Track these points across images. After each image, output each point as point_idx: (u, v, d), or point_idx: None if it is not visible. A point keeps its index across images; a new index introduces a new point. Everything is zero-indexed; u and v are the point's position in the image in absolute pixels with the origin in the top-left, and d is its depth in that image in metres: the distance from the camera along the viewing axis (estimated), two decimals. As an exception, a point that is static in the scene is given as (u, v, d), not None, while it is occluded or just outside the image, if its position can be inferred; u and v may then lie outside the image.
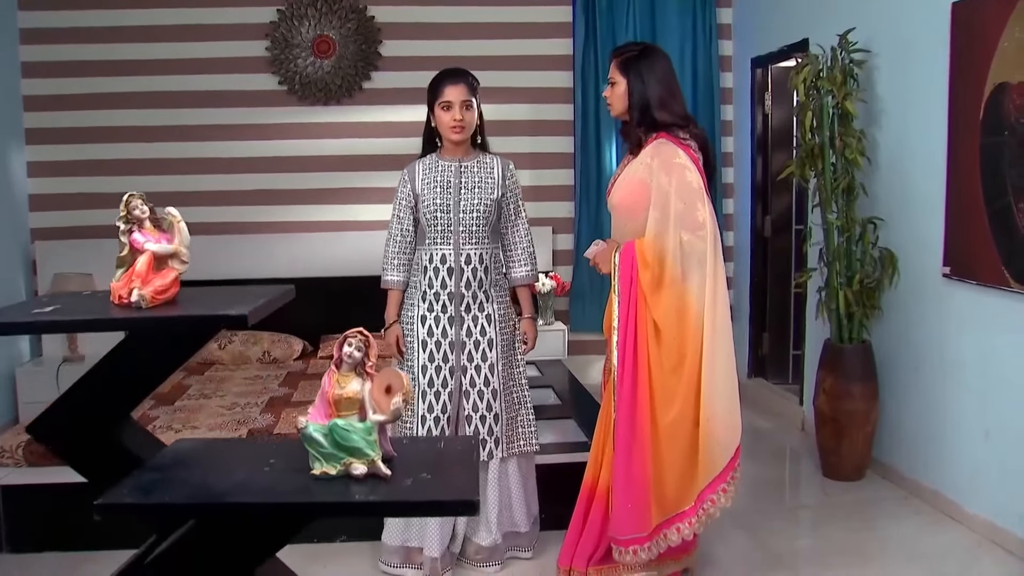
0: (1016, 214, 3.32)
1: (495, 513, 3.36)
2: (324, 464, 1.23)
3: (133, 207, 1.49)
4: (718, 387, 2.94)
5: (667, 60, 3.08)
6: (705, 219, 2.92)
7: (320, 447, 1.24)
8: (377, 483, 1.21)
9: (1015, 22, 3.28)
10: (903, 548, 3.54)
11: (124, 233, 1.49)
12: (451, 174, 3.21)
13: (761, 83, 5.51)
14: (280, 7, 5.51)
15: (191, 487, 1.24)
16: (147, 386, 1.39)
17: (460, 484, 1.14)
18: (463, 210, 3.19)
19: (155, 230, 1.51)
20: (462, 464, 1.23)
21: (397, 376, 1.27)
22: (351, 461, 1.22)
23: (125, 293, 1.42)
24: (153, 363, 1.37)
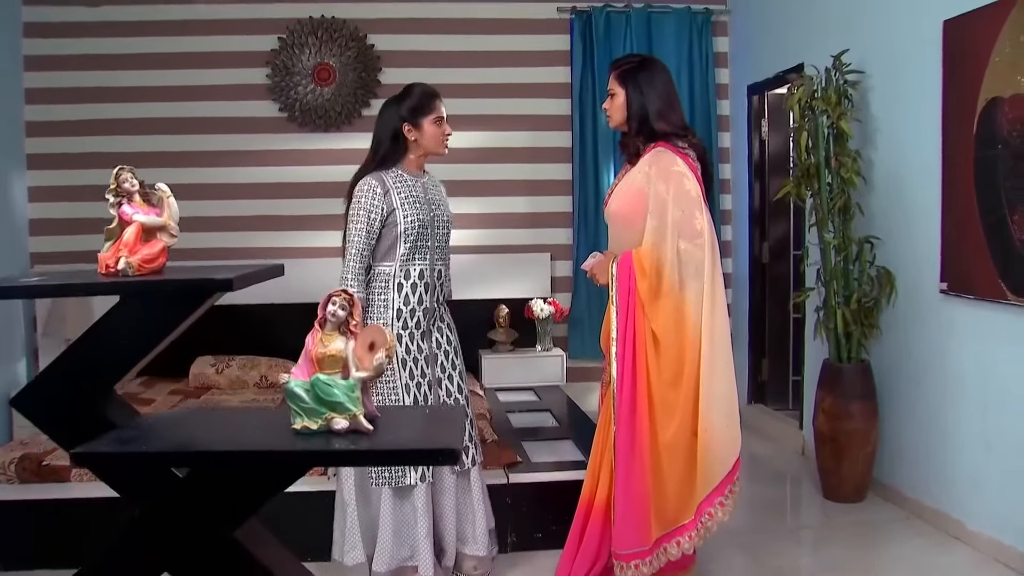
0: (1011, 227, 3.33)
1: (483, 521, 3.31)
2: (305, 419, 1.21)
3: (123, 180, 1.49)
4: (716, 399, 2.91)
5: (666, 72, 3.10)
6: (703, 227, 2.91)
7: (301, 402, 1.23)
8: (359, 436, 1.19)
9: (1006, 37, 3.32)
10: (905, 567, 3.49)
11: (113, 206, 1.49)
12: (419, 189, 3.18)
13: (757, 109, 5.56)
14: (281, 35, 5.58)
15: (170, 441, 1.22)
16: (132, 358, 1.37)
17: (442, 435, 1.12)
18: (435, 225, 3.19)
19: (144, 204, 1.51)
20: (446, 421, 1.21)
21: (380, 332, 1.26)
22: (332, 416, 1.21)
23: (112, 262, 1.42)
24: (139, 333, 1.36)
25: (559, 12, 5.77)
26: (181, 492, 1.22)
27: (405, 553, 3.18)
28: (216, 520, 1.17)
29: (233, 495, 1.17)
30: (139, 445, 1.19)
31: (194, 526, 1.18)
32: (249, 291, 5.47)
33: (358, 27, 5.61)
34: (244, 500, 1.16)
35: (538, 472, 3.74)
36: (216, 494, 1.18)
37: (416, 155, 3.19)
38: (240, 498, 1.17)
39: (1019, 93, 3.27)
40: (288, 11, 5.59)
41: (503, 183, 5.80)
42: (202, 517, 1.18)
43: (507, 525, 3.62)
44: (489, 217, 5.81)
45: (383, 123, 3.21)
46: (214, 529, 1.17)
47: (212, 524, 1.17)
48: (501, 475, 3.68)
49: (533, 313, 5.56)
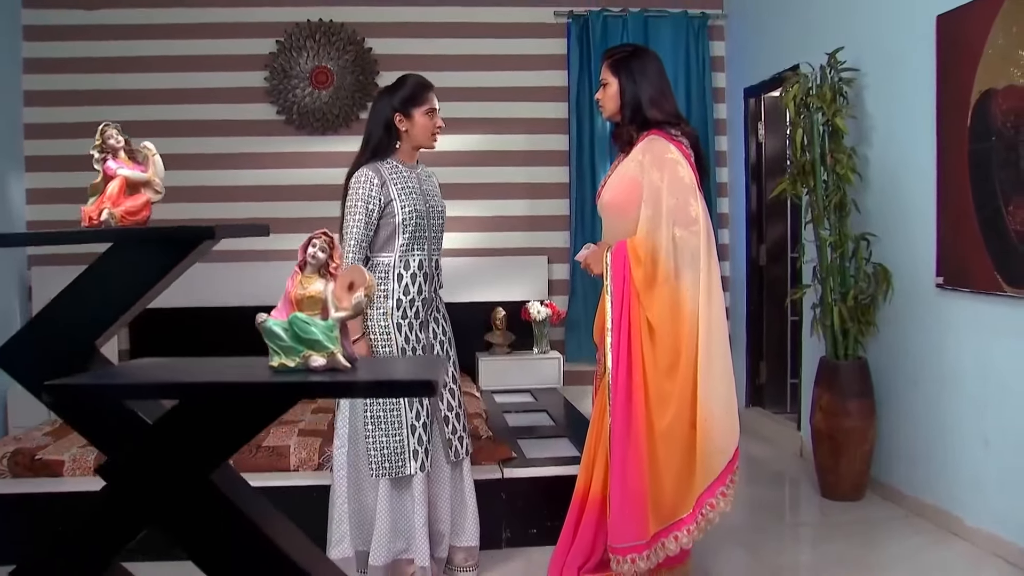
0: (1006, 217, 3.32)
1: (473, 513, 3.29)
2: (283, 356, 1.20)
3: (108, 136, 1.49)
4: (714, 388, 2.88)
5: (658, 61, 3.09)
6: (698, 214, 2.89)
7: (279, 340, 1.22)
8: (337, 372, 1.18)
9: (998, 29, 3.33)
10: (904, 562, 3.46)
11: (98, 162, 1.49)
12: (414, 180, 3.17)
13: (754, 112, 5.57)
14: (279, 38, 5.61)
15: (146, 377, 1.21)
16: (115, 312, 1.36)
17: (419, 370, 1.11)
18: (431, 216, 3.19)
19: (130, 161, 1.51)
20: (426, 364, 1.20)
21: (360, 272, 1.25)
22: (310, 354, 1.20)
23: (95, 214, 1.41)
24: (122, 284, 1.35)
25: (556, 16, 5.80)
26: (155, 433, 1.21)
27: (401, 545, 3.16)
28: (192, 461, 1.16)
29: (209, 434, 1.16)
30: (113, 379, 1.18)
31: (169, 469, 1.17)
32: (248, 294, 5.48)
33: (356, 31, 5.64)
34: (220, 439, 1.15)
35: (533, 467, 3.72)
36: (191, 433, 1.17)
37: (408, 146, 3.18)
38: (216, 437, 1.15)
39: (1013, 84, 3.27)
40: (286, 15, 5.61)
41: (500, 186, 5.80)
42: (177, 458, 1.17)
43: (501, 521, 3.60)
44: (486, 220, 5.81)
45: (375, 113, 3.20)
46: (190, 471, 1.16)
47: (188, 466, 1.16)
48: (496, 470, 3.65)
49: (530, 315, 5.55)
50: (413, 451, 3.07)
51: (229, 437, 1.14)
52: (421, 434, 3.09)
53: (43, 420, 4.54)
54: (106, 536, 1.34)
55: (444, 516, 3.24)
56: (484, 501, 3.39)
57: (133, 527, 1.28)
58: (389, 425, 3.07)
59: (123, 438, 1.21)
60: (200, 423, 1.16)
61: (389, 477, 3.09)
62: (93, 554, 1.36)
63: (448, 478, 3.24)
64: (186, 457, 1.16)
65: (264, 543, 1.18)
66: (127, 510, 1.26)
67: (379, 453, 3.07)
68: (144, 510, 1.23)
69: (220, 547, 1.19)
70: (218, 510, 1.17)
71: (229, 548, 1.19)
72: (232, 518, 1.18)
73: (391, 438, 3.07)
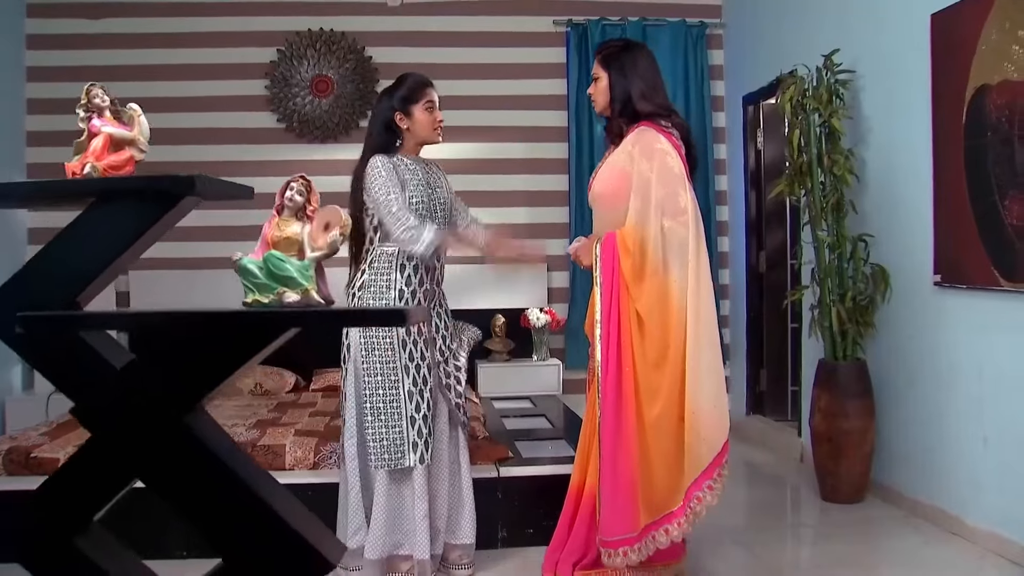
0: (1002, 211, 3.32)
1: (470, 511, 3.26)
2: (257, 293, 1.20)
3: (93, 95, 1.50)
4: (703, 380, 2.87)
5: (649, 55, 3.10)
6: (687, 205, 2.89)
7: (253, 277, 1.21)
8: (311, 305, 1.18)
9: (991, 25, 3.34)
10: (903, 560, 3.43)
11: (83, 120, 1.50)
12: (420, 173, 3.17)
13: (753, 119, 5.59)
14: (280, 47, 5.65)
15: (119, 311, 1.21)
16: (97, 267, 1.36)
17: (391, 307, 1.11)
18: (434, 208, 3.18)
19: (115, 120, 1.52)
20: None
21: (336, 213, 1.25)
22: (284, 290, 1.20)
23: (78, 169, 1.42)
24: (103, 238, 1.35)
25: (555, 25, 5.84)
26: (124, 374, 1.20)
27: (396, 540, 3.13)
28: (163, 402, 1.15)
29: (178, 372, 1.15)
30: (87, 312, 1.18)
31: (140, 411, 1.16)
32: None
33: (356, 39, 5.69)
34: (191, 378, 1.14)
35: (529, 466, 3.69)
36: (161, 372, 1.16)
37: (412, 143, 3.19)
38: (186, 375, 1.14)
39: (1007, 79, 3.28)
40: (287, 24, 5.67)
41: (500, 194, 5.81)
42: (148, 399, 1.16)
43: (498, 520, 3.57)
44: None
45: (376, 114, 3.23)
46: (162, 412, 1.15)
47: (159, 407, 1.15)
48: (492, 469, 3.63)
49: (529, 322, 5.54)
50: (412, 443, 3.06)
51: (200, 375, 1.14)
52: (421, 426, 3.08)
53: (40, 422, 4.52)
54: (85, 489, 1.33)
55: (441, 512, 3.22)
56: (480, 500, 3.36)
57: (107, 476, 1.27)
58: (388, 416, 3.07)
59: (93, 381, 1.20)
60: (169, 360, 1.15)
61: (388, 468, 3.08)
62: (74, 509, 1.36)
63: (447, 474, 3.23)
64: (157, 398, 1.15)
65: (241, 489, 1.17)
66: (101, 458, 1.25)
67: (378, 444, 3.07)
68: (117, 455, 1.23)
69: (196, 492, 1.18)
70: (193, 454, 1.16)
71: (205, 493, 1.18)
72: (207, 463, 1.17)
73: (390, 429, 3.07)
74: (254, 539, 1.17)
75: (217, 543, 1.18)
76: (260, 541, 1.17)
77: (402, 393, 3.08)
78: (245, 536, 1.17)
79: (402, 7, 5.77)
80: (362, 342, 3.09)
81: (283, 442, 3.75)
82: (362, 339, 3.09)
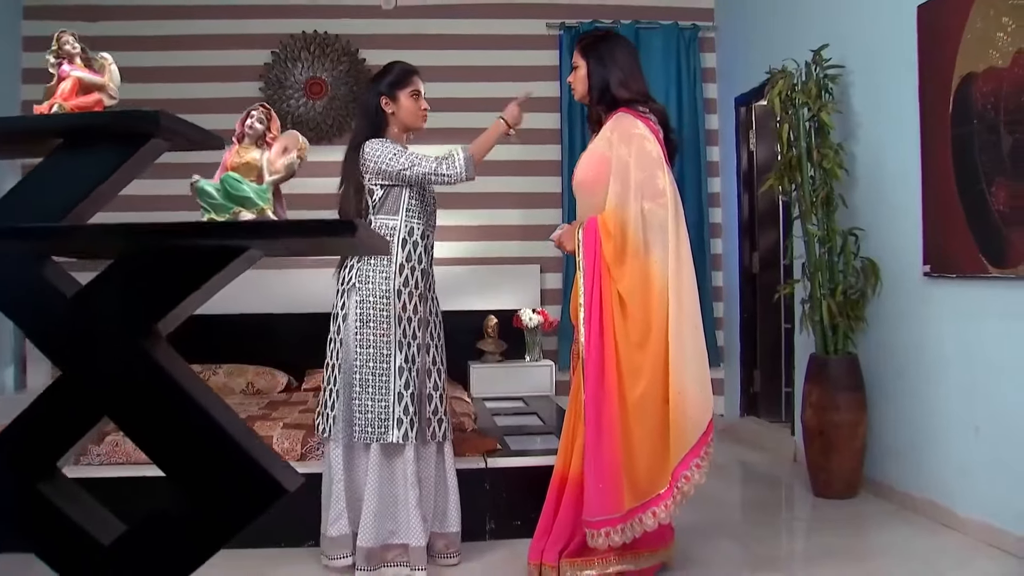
0: (989, 199, 3.32)
1: (455, 499, 3.25)
2: (213, 213, 1.20)
3: (64, 42, 1.51)
4: (686, 360, 2.88)
5: (627, 44, 3.17)
6: (665, 187, 2.93)
7: (210, 198, 1.22)
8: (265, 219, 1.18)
9: (976, 13, 3.36)
10: (895, 551, 3.40)
11: (53, 66, 1.50)
12: None
13: (745, 121, 5.60)
14: (275, 50, 5.68)
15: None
16: (63, 210, 1.36)
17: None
18: (424, 194, 3.24)
19: (85, 67, 1.52)
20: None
21: (293, 137, 1.26)
22: (240, 210, 1.20)
23: (46, 110, 1.42)
24: (69, 180, 1.35)
25: (548, 28, 5.88)
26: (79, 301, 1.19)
27: (390, 527, 3.11)
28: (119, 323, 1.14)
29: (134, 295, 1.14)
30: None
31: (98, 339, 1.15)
32: (239, 302, 5.47)
33: (350, 42, 5.72)
34: (147, 301, 1.13)
35: (517, 457, 3.67)
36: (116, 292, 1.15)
37: (397, 129, 3.23)
38: (142, 299, 1.13)
39: (992, 66, 3.29)
40: (282, 27, 5.70)
41: (493, 196, 5.83)
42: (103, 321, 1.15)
43: (485, 512, 3.54)
44: (479, 229, 5.83)
45: (364, 99, 3.31)
46: (120, 339, 1.14)
47: (115, 329, 1.14)
48: (479, 460, 3.61)
49: (522, 323, 5.54)
50: (397, 419, 3.06)
51: (153, 297, 1.13)
52: (408, 404, 3.08)
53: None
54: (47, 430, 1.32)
55: (427, 501, 3.21)
56: (468, 492, 3.35)
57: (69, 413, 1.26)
58: (376, 390, 3.07)
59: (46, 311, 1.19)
60: (122, 278, 1.14)
61: (374, 442, 3.07)
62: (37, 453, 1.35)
63: (432, 458, 3.22)
64: (112, 324, 1.14)
65: (200, 416, 1.16)
66: (62, 393, 1.25)
67: (363, 417, 3.07)
68: (76, 389, 1.22)
69: (155, 419, 1.17)
70: (152, 380, 1.15)
71: (164, 420, 1.17)
72: (167, 389, 1.16)
73: (376, 403, 3.07)
74: (212, 465, 1.16)
75: (173, 470, 1.17)
76: (217, 467, 1.16)
77: (392, 368, 3.09)
78: (203, 463, 1.16)
79: (395, 10, 5.80)
80: (358, 313, 3.11)
81: (271, 434, 3.73)
82: (359, 310, 3.11)
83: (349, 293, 3.14)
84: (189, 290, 1.12)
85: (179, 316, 1.19)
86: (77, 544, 1.25)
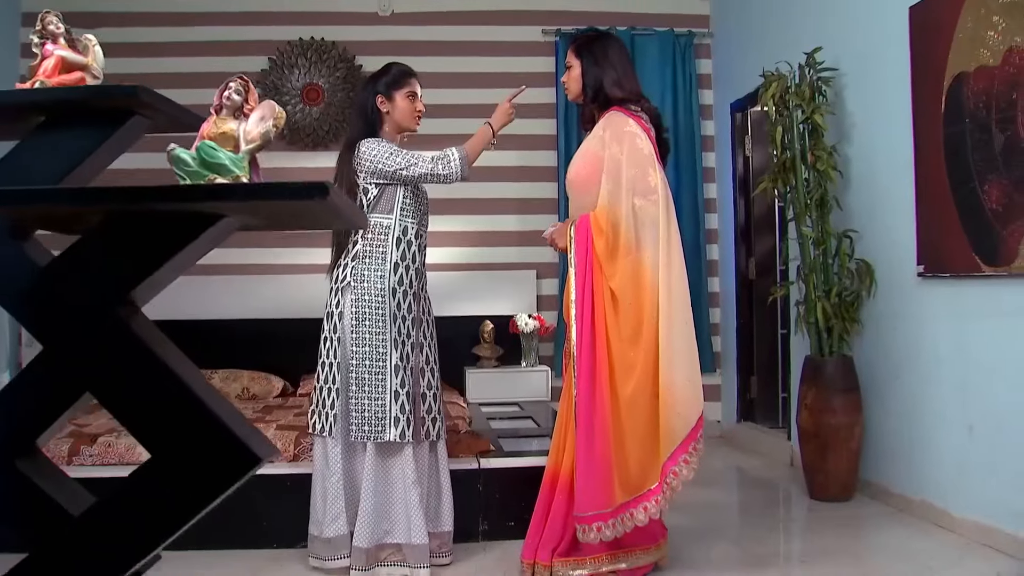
0: (982, 197, 3.32)
1: (448, 498, 3.24)
2: (188, 180, 1.20)
3: (48, 22, 1.51)
4: (676, 355, 2.88)
5: (620, 44, 3.20)
6: (657, 184, 2.95)
7: (186, 166, 1.22)
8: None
9: (967, 12, 3.37)
10: (890, 550, 3.38)
11: (37, 47, 1.51)
12: None
13: (740, 126, 5.62)
14: (272, 56, 5.71)
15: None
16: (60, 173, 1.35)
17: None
18: (419, 193, 3.25)
19: (69, 47, 1.52)
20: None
21: (271, 107, 1.26)
22: (215, 177, 1.20)
23: (28, 87, 1.42)
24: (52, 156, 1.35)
25: (544, 35, 5.90)
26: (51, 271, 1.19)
27: (385, 527, 3.10)
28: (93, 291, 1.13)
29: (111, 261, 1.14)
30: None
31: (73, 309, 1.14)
32: (236, 307, 5.45)
33: (347, 48, 5.75)
34: (123, 267, 1.13)
35: (511, 457, 3.66)
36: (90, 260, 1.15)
37: (391, 128, 3.24)
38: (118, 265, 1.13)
39: (983, 65, 3.30)
40: (279, 33, 5.73)
41: (490, 201, 5.84)
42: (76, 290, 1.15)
43: (478, 513, 3.53)
44: (476, 235, 5.84)
45: (361, 98, 3.32)
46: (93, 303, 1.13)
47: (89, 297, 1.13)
48: (473, 461, 3.60)
49: (518, 328, 5.53)
50: (394, 418, 3.05)
51: (129, 262, 1.12)
52: (404, 402, 3.07)
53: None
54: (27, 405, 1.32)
55: (424, 499, 3.19)
56: (461, 493, 3.34)
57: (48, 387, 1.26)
58: (373, 388, 3.07)
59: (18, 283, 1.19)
60: (95, 247, 1.14)
61: (370, 441, 3.06)
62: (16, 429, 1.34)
63: (426, 458, 3.21)
64: (87, 288, 1.14)
65: (176, 385, 1.16)
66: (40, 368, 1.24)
67: (360, 415, 3.07)
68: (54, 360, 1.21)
69: (131, 388, 1.17)
70: (125, 347, 1.15)
71: (140, 389, 1.17)
72: (141, 357, 1.16)
73: (373, 402, 3.07)
74: (186, 435, 1.15)
75: (148, 439, 1.17)
76: (192, 437, 1.15)
77: (388, 366, 3.08)
78: (177, 432, 1.15)
79: (392, 17, 5.84)
80: (354, 311, 3.11)
81: (264, 434, 3.72)
82: (354, 308, 3.11)
83: (344, 291, 3.14)
84: (164, 258, 1.12)
85: (155, 286, 1.19)
86: (50, 517, 1.24)
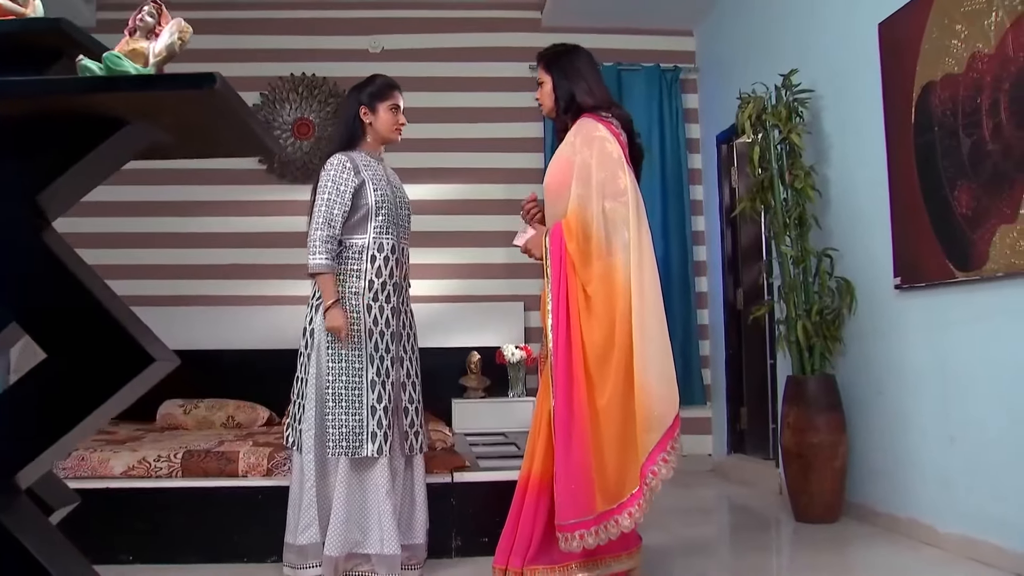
0: (952, 203, 3.32)
1: (423, 511, 3.19)
2: (96, 94, 1.22)
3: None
4: (650, 357, 2.85)
5: (587, 54, 3.22)
6: (626, 186, 2.95)
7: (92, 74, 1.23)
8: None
9: (933, 23, 3.42)
10: (876, 567, 3.30)
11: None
12: (381, 170, 3.27)
13: (726, 158, 5.66)
14: (264, 91, 5.81)
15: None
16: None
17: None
18: (398, 205, 3.26)
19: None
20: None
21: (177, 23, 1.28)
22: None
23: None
24: None
25: (531, 71, 5.97)
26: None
27: (356, 537, 3.05)
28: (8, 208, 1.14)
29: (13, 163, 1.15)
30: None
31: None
32: (227, 338, 5.46)
33: (337, 84, 5.85)
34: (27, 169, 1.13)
35: (484, 472, 3.62)
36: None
37: (373, 140, 3.28)
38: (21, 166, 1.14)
39: (948, 73, 3.34)
40: (271, 69, 5.85)
41: (478, 234, 5.88)
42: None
43: (451, 529, 3.48)
44: (464, 267, 5.87)
45: (344, 110, 3.37)
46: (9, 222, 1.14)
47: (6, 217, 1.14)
48: (446, 476, 3.56)
49: (505, 358, 5.51)
50: (372, 433, 3.03)
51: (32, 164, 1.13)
52: (381, 417, 3.05)
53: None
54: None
55: (397, 509, 3.15)
56: (434, 508, 3.30)
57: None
58: (349, 404, 3.05)
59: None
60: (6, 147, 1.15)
61: (347, 456, 3.03)
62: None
63: (402, 470, 3.18)
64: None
65: (78, 289, 1.16)
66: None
67: (337, 431, 3.04)
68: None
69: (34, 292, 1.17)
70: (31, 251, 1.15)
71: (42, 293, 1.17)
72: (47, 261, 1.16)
73: (351, 417, 3.04)
74: (87, 335, 1.15)
75: (51, 340, 1.16)
76: (92, 337, 1.15)
77: (365, 382, 3.07)
78: (79, 333, 1.15)
79: (382, 53, 5.96)
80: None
81: (238, 449, 3.70)
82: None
83: (318, 309, 3.14)
84: (68, 163, 1.13)
85: (65, 196, 1.20)
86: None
